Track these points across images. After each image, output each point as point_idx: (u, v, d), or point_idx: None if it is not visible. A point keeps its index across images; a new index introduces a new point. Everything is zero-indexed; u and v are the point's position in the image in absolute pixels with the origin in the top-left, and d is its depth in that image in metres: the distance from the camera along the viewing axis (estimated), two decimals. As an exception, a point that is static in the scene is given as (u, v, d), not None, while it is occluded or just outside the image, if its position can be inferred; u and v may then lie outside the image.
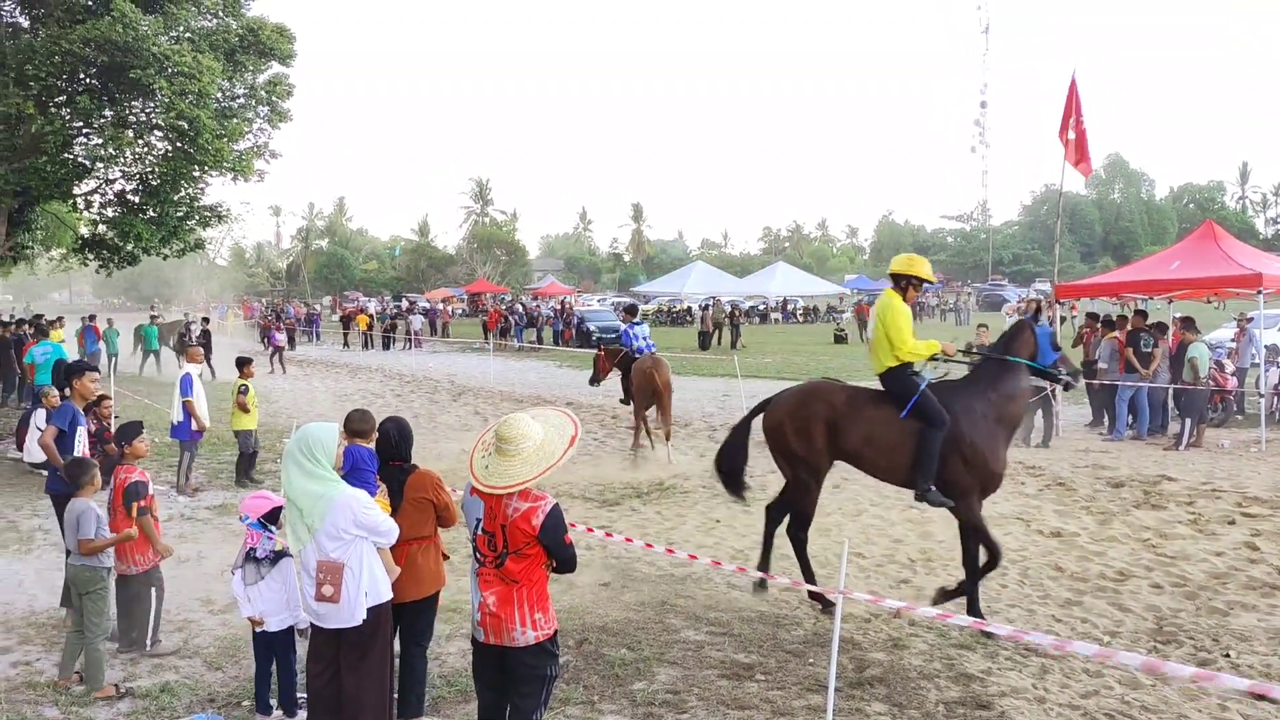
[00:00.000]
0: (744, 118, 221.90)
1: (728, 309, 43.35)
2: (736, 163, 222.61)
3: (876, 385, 8.14)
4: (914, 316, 8.01)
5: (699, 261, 78.08)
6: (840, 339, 41.26)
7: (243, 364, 13.92)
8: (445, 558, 6.17)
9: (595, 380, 17.59)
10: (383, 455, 5.95)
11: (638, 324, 16.69)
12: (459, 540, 10.36)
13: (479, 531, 4.66)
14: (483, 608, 4.64)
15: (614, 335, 40.58)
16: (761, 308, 62.18)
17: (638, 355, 16.06)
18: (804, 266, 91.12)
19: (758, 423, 8.62)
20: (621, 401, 16.92)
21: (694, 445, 16.23)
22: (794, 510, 8.39)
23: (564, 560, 4.69)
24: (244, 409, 13.41)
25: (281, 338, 34.67)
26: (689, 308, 59.88)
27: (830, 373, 27.98)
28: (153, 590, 7.19)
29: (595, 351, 18.03)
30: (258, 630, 6.04)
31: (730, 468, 8.72)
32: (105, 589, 6.70)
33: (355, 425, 5.96)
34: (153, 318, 32.86)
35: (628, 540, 8.63)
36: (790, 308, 64.72)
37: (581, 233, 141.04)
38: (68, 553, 7.14)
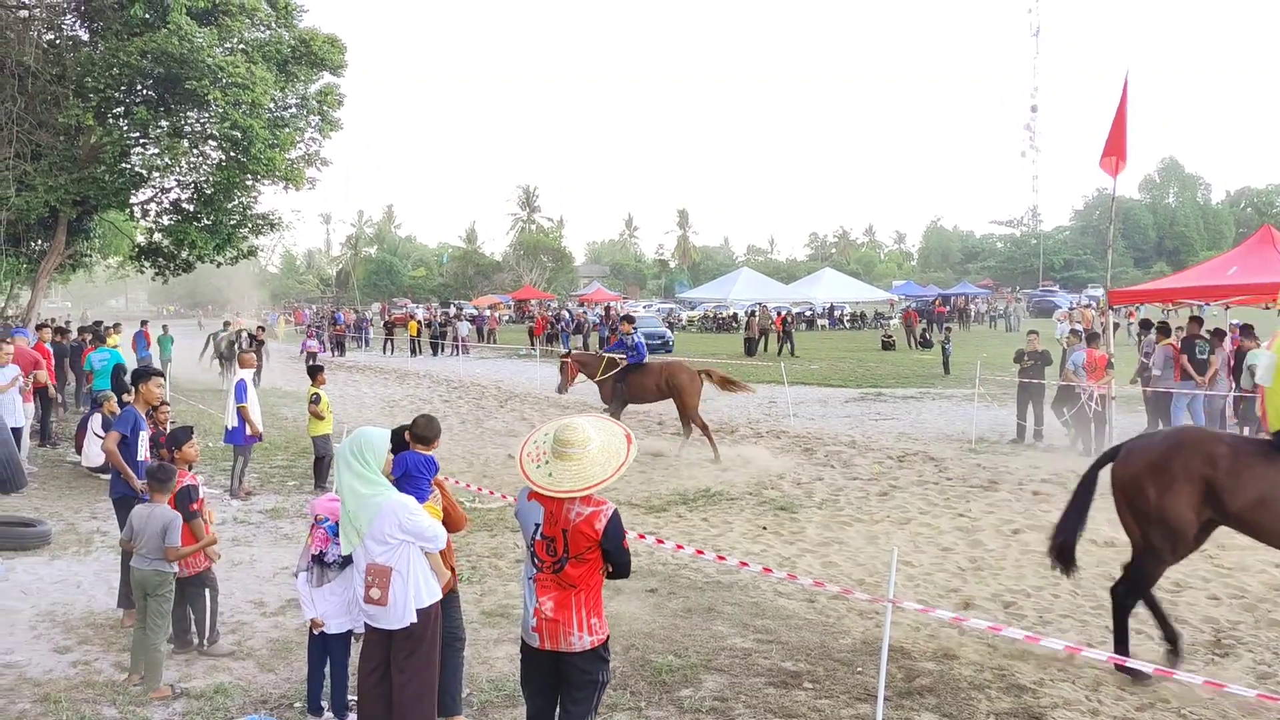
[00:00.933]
0: (790, 123, 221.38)
1: (774, 315, 43.19)
2: (782, 168, 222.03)
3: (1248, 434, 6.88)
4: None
5: (745, 268, 77.85)
6: (888, 346, 40.93)
7: (314, 373, 14.02)
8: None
9: (563, 388, 17.56)
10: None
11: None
12: (506, 545, 10.43)
13: (537, 537, 4.68)
14: (538, 613, 4.66)
15: (660, 341, 40.82)
16: (808, 314, 61.92)
17: (643, 361, 16.49)
18: (851, 272, 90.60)
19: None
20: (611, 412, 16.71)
21: (740, 452, 16.19)
22: (1135, 574, 7.17)
23: (622, 565, 4.71)
24: (317, 416, 13.54)
25: (314, 344, 35.06)
26: (734, 314, 59.72)
27: (878, 380, 27.81)
28: (207, 591, 7.33)
29: (563, 359, 17.83)
30: (316, 632, 6.11)
31: (1064, 539, 7.47)
32: (171, 592, 6.85)
33: (421, 431, 5.95)
34: (226, 324, 33.11)
35: (678, 547, 8.61)
36: (837, 314, 64.37)
37: (627, 239, 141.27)
38: (126, 554, 7.29)
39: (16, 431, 12.96)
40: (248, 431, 13.00)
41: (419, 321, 47.25)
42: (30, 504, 12.30)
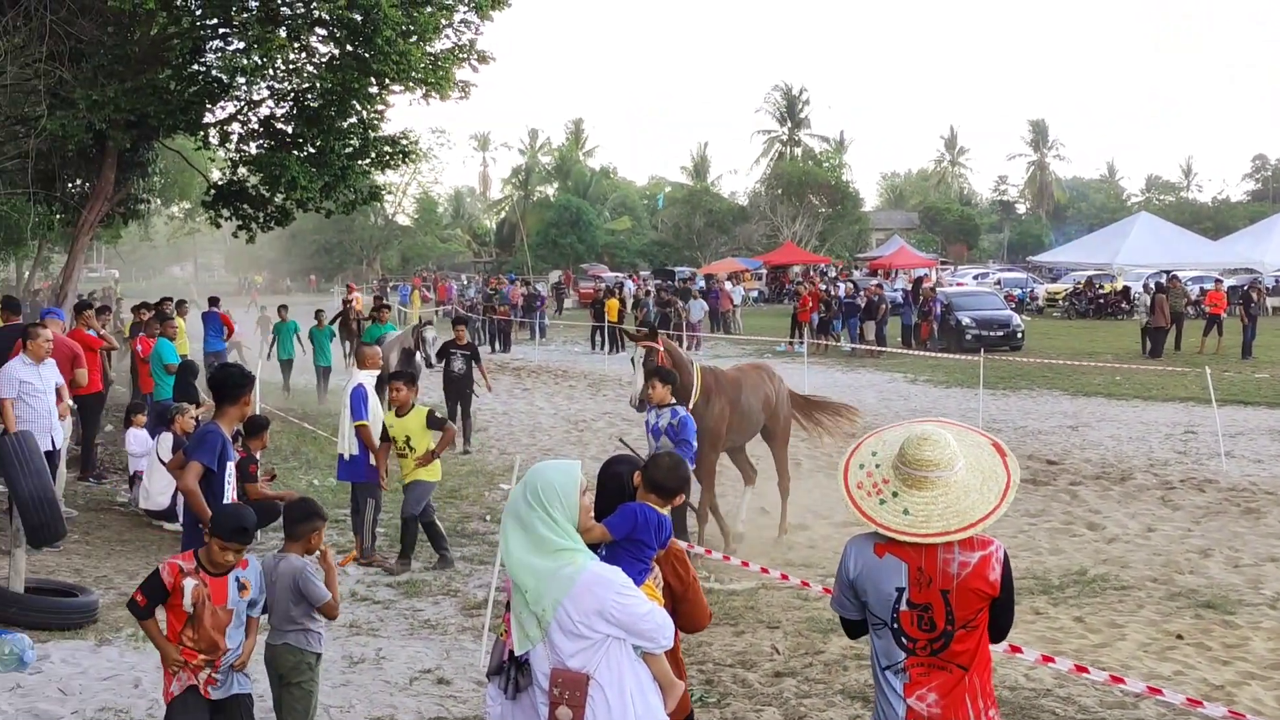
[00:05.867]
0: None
1: (1193, 289, 41.49)
2: (1203, 55, 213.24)
3: None
4: None
5: (1142, 213, 75.35)
6: (1390, 341, 38.76)
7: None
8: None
9: (641, 402, 14.53)
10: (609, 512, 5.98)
11: None
12: (759, 649, 10.46)
13: (903, 607, 4.85)
14: (914, 717, 4.86)
15: (1002, 333, 39.99)
16: (1244, 287, 59.39)
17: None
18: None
19: None
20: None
21: (1135, 512, 15.78)
22: None
23: (1004, 628, 5.02)
24: (407, 456, 13.25)
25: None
26: (1125, 288, 57.85)
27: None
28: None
29: (644, 342, 14.55)
30: None
31: None
32: (315, 680, 7.25)
33: (660, 476, 5.86)
34: (380, 304, 30.08)
35: (1043, 660, 8.42)
36: (1302, 288, 61.51)
37: (948, 169, 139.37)
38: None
39: (51, 457, 13.20)
40: (372, 462, 13.31)
41: (621, 300, 47.72)
42: (69, 563, 13.12)
